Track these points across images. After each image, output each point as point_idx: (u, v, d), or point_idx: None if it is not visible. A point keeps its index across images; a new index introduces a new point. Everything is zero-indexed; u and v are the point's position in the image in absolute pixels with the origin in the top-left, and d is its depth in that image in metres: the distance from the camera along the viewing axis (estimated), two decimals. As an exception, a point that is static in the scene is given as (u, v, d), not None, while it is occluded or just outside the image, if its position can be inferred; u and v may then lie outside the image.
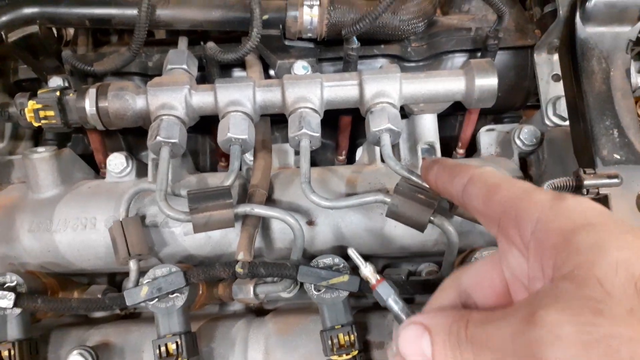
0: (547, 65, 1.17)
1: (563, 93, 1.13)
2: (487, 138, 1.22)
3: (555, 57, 1.17)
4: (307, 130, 0.96)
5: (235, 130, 0.97)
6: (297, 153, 1.25)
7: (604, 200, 0.93)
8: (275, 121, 1.21)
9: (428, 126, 1.12)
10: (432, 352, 0.48)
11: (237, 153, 0.97)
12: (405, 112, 1.16)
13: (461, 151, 1.31)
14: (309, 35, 1.10)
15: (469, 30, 1.18)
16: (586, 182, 0.91)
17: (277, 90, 1.01)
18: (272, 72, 1.19)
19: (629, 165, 0.92)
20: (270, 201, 1.07)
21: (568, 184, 0.93)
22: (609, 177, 0.91)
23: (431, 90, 1.02)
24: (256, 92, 1.01)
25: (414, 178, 0.93)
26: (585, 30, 0.96)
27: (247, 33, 1.06)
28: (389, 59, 1.20)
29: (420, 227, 0.90)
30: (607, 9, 0.96)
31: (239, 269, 0.88)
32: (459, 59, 1.20)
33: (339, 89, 1.01)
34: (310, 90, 1.00)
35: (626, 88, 0.95)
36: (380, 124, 0.97)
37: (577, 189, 0.93)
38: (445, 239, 0.94)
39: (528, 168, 1.18)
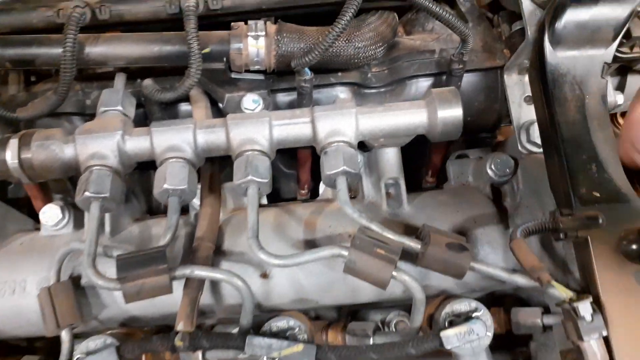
0: (519, 87, 1.08)
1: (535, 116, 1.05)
2: (458, 166, 1.13)
3: (527, 77, 1.08)
4: (253, 176, 0.87)
5: (173, 180, 0.87)
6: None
7: (583, 244, 0.84)
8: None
9: (391, 160, 1.03)
10: None
11: (176, 206, 0.88)
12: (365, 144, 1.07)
13: (430, 179, 1.22)
14: (257, 67, 1.00)
15: (433, 52, 1.09)
16: (562, 225, 0.82)
17: (220, 131, 0.91)
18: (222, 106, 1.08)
19: (610, 204, 0.83)
20: (219, 253, 0.97)
21: (544, 227, 0.84)
22: (589, 218, 0.82)
23: (390, 124, 0.92)
24: (197, 135, 0.91)
25: (373, 227, 0.84)
26: (556, 55, 0.88)
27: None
28: (348, 86, 1.10)
29: (381, 285, 0.81)
30: (578, 31, 0.87)
31: (178, 342, 0.78)
32: (424, 83, 1.11)
33: (290, 127, 0.92)
34: (257, 131, 0.90)
35: (603, 116, 0.86)
36: (334, 166, 0.87)
37: (554, 231, 0.84)
38: None
39: (502, 198, 1.09)
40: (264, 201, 1.20)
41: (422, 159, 1.29)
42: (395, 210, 1.02)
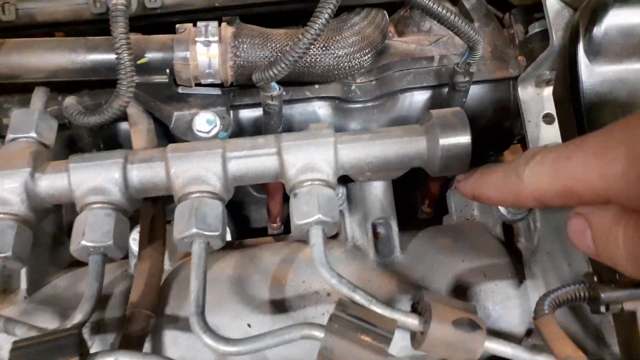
0: (536, 102, 0.88)
1: (557, 139, 0.85)
2: (460, 198, 0.93)
3: (547, 91, 0.88)
4: (199, 228, 0.66)
5: (94, 234, 0.66)
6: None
7: (629, 319, 0.65)
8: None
9: (380, 196, 0.83)
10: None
11: (98, 268, 0.67)
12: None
13: (427, 210, 1.02)
14: (210, 80, 0.79)
15: (431, 59, 0.88)
16: (604, 295, 0.63)
17: (159, 166, 0.70)
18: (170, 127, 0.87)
19: (664, 265, 0.64)
20: (161, 321, 0.77)
21: (578, 296, 0.64)
22: (637, 285, 0.63)
23: (379, 156, 0.72)
24: (128, 172, 0.70)
25: (357, 298, 0.64)
26: (594, 70, 0.67)
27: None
28: (328, 101, 0.90)
29: (368, 379, 0.61)
30: (623, 38, 0.67)
31: None
32: (420, 96, 0.91)
33: (250, 161, 0.71)
34: (206, 167, 0.69)
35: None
36: (307, 213, 0.67)
37: (591, 302, 0.65)
38: None
39: (515, 239, 0.90)
40: (228, 237, 0.99)
41: (417, 180, 1.09)
42: (385, 259, 0.82)
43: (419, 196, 1.07)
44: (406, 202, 1.14)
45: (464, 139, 0.70)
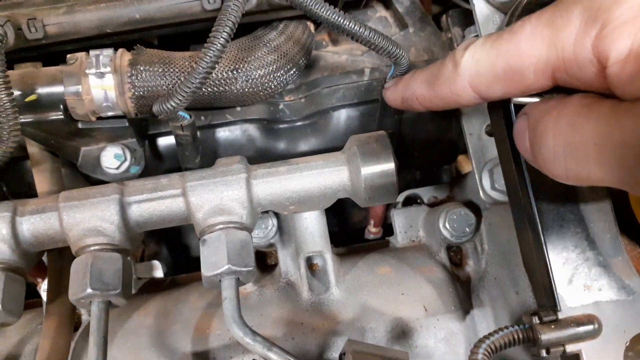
0: (478, 114, 0.81)
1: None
2: (405, 217, 0.86)
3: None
4: (95, 288, 0.59)
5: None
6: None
7: (574, 361, 0.59)
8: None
9: (310, 228, 0.76)
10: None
11: (-15, 339, 0.60)
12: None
13: (374, 230, 0.96)
14: (111, 114, 0.71)
15: (361, 73, 0.81)
16: (544, 337, 0.57)
17: (52, 217, 0.63)
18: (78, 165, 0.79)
19: (610, 299, 0.58)
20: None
21: (516, 339, 0.58)
22: (580, 324, 0.57)
23: (299, 191, 0.66)
24: (18, 225, 0.63)
25: (274, 357, 0.57)
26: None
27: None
28: (254, 123, 0.82)
29: None
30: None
31: None
32: (353, 112, 0.83)
33: (154, 204, 0.64)
34: (101, 216, 0.62)
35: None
36: (215, 264, 0.60)
37: (532, 345, 0.58)
38: None
39: (463, 262, 0.84)
40: (160, 273, 0.92)
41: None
42: (320, 296, 0.76)
43: (366, 215, 1.01)
44: (354, 222, 1.08)
45: (387, 166, 0.64)
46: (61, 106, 0.69)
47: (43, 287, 0.77)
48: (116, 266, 0.61)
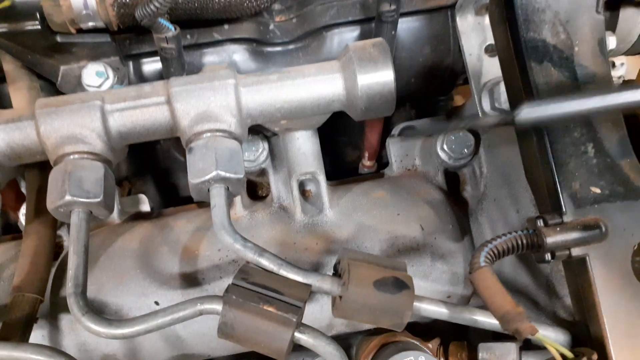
0: (477, 32, 0.78)
1: (500, 73, 0.76)
2: (401, 146, 0.83)
3: (487, 19, 0.78)
4: (74, 195, 0.56)
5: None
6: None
7: (578, 265, 0.57)
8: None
9: (303, 149, 0.73)
10: None
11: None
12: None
13: (368, 163, 0.93)
14: (92, 24, 0.67)
15: (357, -12, 0.77)
16: (549, 241, 0.54)
17: (29, 127, 0.59)
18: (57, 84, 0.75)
19: (616, 202, 0.55)
20: (56, 299, 0.67)
21: (520, 245, 0.55)
22: (585, 227, 0.55)
23: (290, 100, 0.62)
24: (-8, 134, 0.59)
25: (265, 263, 0.54)
26: (529, -20, 0.58)
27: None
28: (243, 44, 0.79)
29: (277, 355, 0.52)
30: (560, -61, 0.57)
31: None
32: (348, 34, 0.80)
33: (137, 112, 0.60)
34: (81, 123, 0.58)
35: (602, 72, 0.57)
36: (203, 171, 0.57)
37: (536, 250, 0.56)
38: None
39: (461, 187, 0.81)
40: (146, 207, 0.88)
41: (356, 129, 1.00)
42: (313, 218, 0.73)
43: (360, 149, 0.98)
44: (348, 161, 1.05)
45: (386, 74, 0.60)
46: (37, 14, 0.65)
47: (22, 211, 0.73)
48: (97, 175, 0.58)
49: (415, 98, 0.93)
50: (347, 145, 1.05)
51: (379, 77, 0.60)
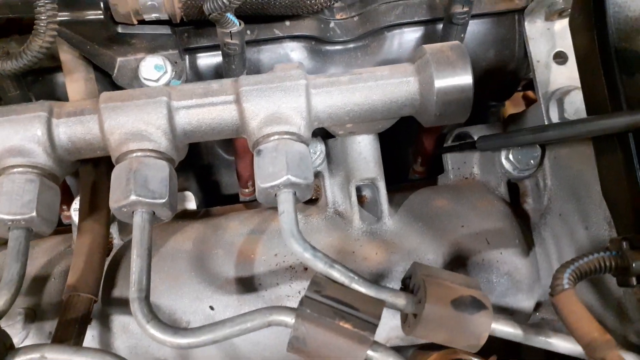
0: (547, 39, 0.75)
1: (571, 82, 0.73)
2: (458, 154, 0.81)
3: (557, 25, 0.75)
4: (140, 195, 0.54)
5: (11, 205, 0.54)
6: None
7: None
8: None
9: (364, 153, 0.70)
10: None
11: (20, 246, 0.55)
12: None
13: (420, 169, 0.90)
14: (155, 16, 0.65)
15: (425, -12, 0.74)
16: (635, 266, 0.51)
17: (91, 120, 0.58)
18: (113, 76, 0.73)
19: None
20: (107, 305, 0.65)
21: (603, 265, 0.53)
22: (678, 251, 0.52)
23: (361, 103, 0.60)
24: (54, 128, 0.57)
25: (336, 275, 0.52)
26: (625, -14, 0.54)
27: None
28: (302, 41, 0.76)
29: (349, 373, 0.50)
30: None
31: None
32: (411, 34, 0.77)
33: (203, 111, 0.58)
34: (147, 119, 0.56)
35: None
36: (274, 175, 0.55)
37: (620, 273, 0.53)
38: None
39: (521, 199, 0.78)
40: (192, 205, 0.86)
41: (408, 134, 0.97)
42: (372, 226, 0.70)
43: (410, 153, 0.95)
44: (396, 161, 1.02)
45: (465, 79, 0.58)
46: (101, 4, 0.63)
47: (74, 207, 0.71)
48: (163, 174, 0.56)
49: (475, 102, 0.90)
50: (394, 148, 1.02)
51: (458, 82, 0.58)
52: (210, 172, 1.00)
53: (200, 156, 0.98)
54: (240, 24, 0.64)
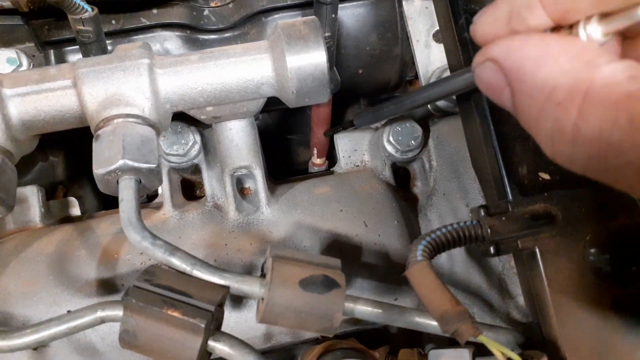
0: (425, 18, 0.74)
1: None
2: (349, 141, 0.78)
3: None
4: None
5: None
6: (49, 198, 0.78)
7: (528, 259, 0.51)
8: None
9: (237, 140, 0.66)
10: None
11: None
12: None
13: (318, 161, 0.87)
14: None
15: (296, -31, 0.72)
16: (493, 231, 0.49)
17: None
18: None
19: (568, 189, 0.51)
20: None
21: (460, 235, 0.50)
22: (533, 217, 0.50)
23: (214, 83, 0.56)
24: None
25: (176, 262, 0.48)
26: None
27: None
28: (175, 30, 0.73)
29: (187, 364, 0.46)
30: None
31: None
32: (289, 19, 0.74)
33: (40, 98, 0.54)
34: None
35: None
36: (108, 160, 0.51)
37: (480, 243, 0.51)
38: None
39: (411, 184, 0.76)
40: (76, 211, 0.81)
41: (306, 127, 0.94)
42: (248, 217, 0.66)
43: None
44: (300, 157, 1.00)
45: (317, 53, 0.55)
46: None
47: None
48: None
49: (366, 92, 0.88)
50: (299, 145, 1.00)
51: (310, 58, 0.55)
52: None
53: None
54: (92, 9, 0.60)
